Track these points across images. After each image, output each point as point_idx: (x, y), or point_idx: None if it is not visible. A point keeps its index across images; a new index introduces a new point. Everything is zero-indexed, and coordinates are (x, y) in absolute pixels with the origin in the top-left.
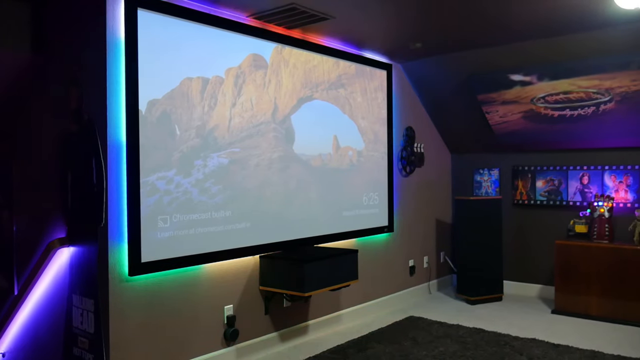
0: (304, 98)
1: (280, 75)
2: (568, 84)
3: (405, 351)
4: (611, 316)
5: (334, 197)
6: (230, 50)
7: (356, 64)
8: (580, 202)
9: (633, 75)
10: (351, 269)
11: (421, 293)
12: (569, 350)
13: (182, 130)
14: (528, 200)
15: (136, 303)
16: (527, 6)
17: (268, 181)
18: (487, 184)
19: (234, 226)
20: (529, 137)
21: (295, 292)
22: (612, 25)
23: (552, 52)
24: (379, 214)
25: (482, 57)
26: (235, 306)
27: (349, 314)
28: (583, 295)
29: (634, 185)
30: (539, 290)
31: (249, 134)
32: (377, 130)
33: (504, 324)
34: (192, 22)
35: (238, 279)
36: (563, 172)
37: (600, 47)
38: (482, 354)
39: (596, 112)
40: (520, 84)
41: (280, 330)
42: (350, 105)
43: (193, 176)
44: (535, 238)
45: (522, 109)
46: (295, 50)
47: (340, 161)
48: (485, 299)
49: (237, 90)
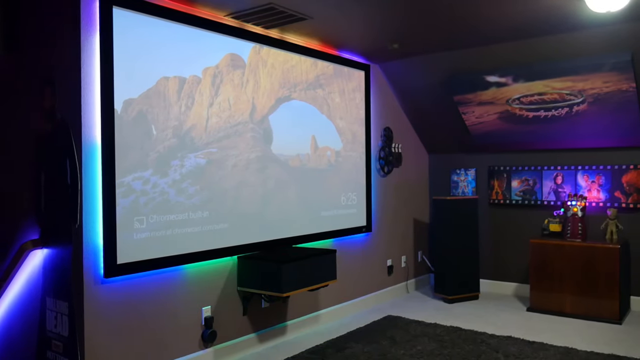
0: (282, 98)
1: (258, 75)
2: (542, 86)
3: (384, 350)
4: (584, 313)
5: (313, 197)
6: (207, 50)
7: (334, 64)
8: (554, 202)
9: (605, 77)
10: (329, 269)
11: (399, 292)
12: (543, 347)
13: (158, 130)
14: (504, 200)
15: (112, 305)
16: (502, 9)
17: (246, 181)
18: (464, 184)
19: (212, 227)
20: (504, 138)
21: (274, 293)
22: (585, 28)
23: (527, 54)
24: (357, 214)
25: (458, 58)
26: (213, 307)
27: (327, 314)
28: (557, 293)
29: (606, 184)
30: (515, 289)
31: (226, 134)
32: (355, 130)
33: (481, 322)
34: (169, 21)
35: (216, 280)
36: (537, 172)
37: (573, 50)
38: (459, 352)
39: (569, 113)
40: (496, 85)
41: (258, 331)
42: (329, 105)
43: (170, 176)
44: (510, 237)
45: (498, 109)
46: (273, 50)
47: (318, 161)
48: (462, 297)
49: (214, 90)
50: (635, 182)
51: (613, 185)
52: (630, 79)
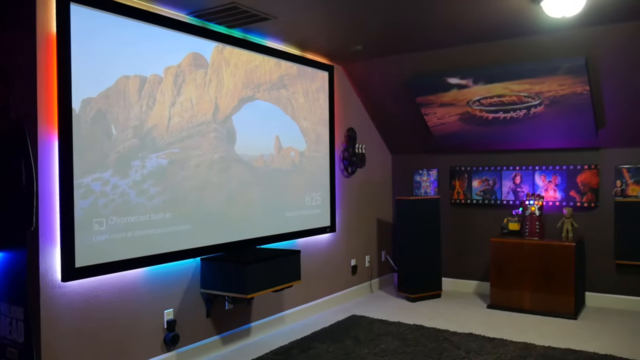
0: (245, 98)
1: (221, 75)
2: (501, 88)
3: (348, 350)
4: (542, 309)
5: (276, 198)
6: (169, 49)
7: (298, 64)
8: (513, 201)
9: (560, 81)
10: (294, 269)
11: (363, 292)
12: (503, 343)
13: (118, 130)
14: (465, 199)
15: (70, 310)
16: (463, 13)
17: (209, 182)
18: (426, 184)
19: (174, 228)
20: (465, 139)
21: (238, 294)
22: (542, 32)
23: (486, 57)
24: (321, 214)
25: (421, 60)
26: (176, 310)
27: (292, 314)
28: (516, 290)
29: (562, 184)
30: (476, 286)
31: (188, 134)
32: (319, 131)
33: (443, 320)
34: (129, 18)
35: (178, 283)
36: (497, 172)
37: (530, 53)
38: (422, 350)
39: (527, 115)
40: (457, 87)
41: (222, 334)
42: (293, 106)
43: (130, 177)
44: (471, 236)
45: (459, 111)
46: (237, 49)
47: (282, 162)
48: (425, 296)
49: (176, 90)
50: (589, 182)
51: (568, 184)
52: (584, 82)
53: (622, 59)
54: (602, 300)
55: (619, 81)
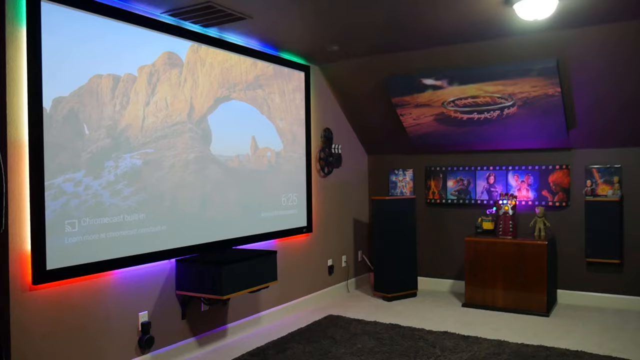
0: (221, 98)
1: (197, 75)
2: (475, 89)
3: (324, 350)
4: (515, 307)
5: (253, 198)
6: (143, 48)
7: (274, 64)
8: (487, 201)
9: (533, 82)
10: (270, 270)
11: (340, 292)
12: (477, 341)
13: (91, 129)
14: (440, 199)
15: (41, 314)
16: (438, 15)
17: (184, 183)
18: (402, 184)
19: (149, 229)
20: (440, 139)
21: (213, 296)
22: (515, 35)
23: (461, 58)
24: (297, 214)
25: (396, 61)
26: (151, 312)
27: (268, 315)
28: (490, 289)
29: (534, 184)
30: (451, 285)
31: (163, 134)
32: (295, 131)
33: (419, 319)
34: (102, 16)
35: (153, 284)
36: (471, 172)
37: (504, 55)
38: (398, 349)
39: (500, 116)
40: (432, 88)
41: (198, 335)
42: (269, 106)
43: (104, 178)
44: (446, 235)
45: (434, 112)
46: (212, 49)
47: (258, 162)
48: (401, 295)
49: (150, 89)
50: (560, 182)
51: (541, 184)
52: (555, 84)
53: (591, 61)
54: (573, 297)
55: (589, 83)
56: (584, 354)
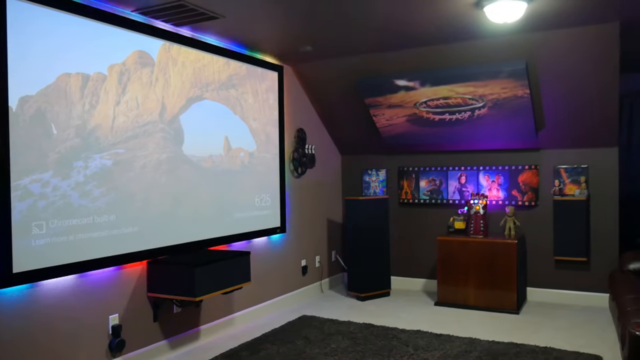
0: (193, 98)
1: (168, 74)
2: (447, 90)
3: (298, 350)
4: (486, 305)
5: (226, 199)
6: (113, 46)
7: (247, 64)
8: (458, 201)
9: (503, 84)
10: (243, 271)
11: (313, 292)
12: (450, 339)
13: (59, 129)
14: (413, 199)
15: (8, 318)
16: (410, 16)
17: (156, 183)
18: (375, 184)
19: (119, 231)
20: (413, 140)
21: (186, 297)
22: (485, 37)
23: (433, 60)
24: (271, 215)
25: (369, 62)
26: (122, 315)
27: (242, 316)
28: (462, 287)
29: (505, 184)
30: (423, 284)
31: (134, 134)
32: (268, 131)
33: (392, 318)
34: (71, 14)
35: (124, 287)
36: (443, 172)
37: (475, 57)
38: (371, 348)
39: (471, 117)
40: (405, 89)
41: (170, 338)
42: (242, 106)
43: (72, 179)
44: (419, 235)
45: (407, 112)
46: (184, 48)
47: (231, 162)
48: (374, 294)
49: (121, 88)
50: (530, 182)
51: (511, 184)
52: (525, 86)
53: (559, 64)
54: (542, 294)
55: (557, 85)
56: (553, 350)
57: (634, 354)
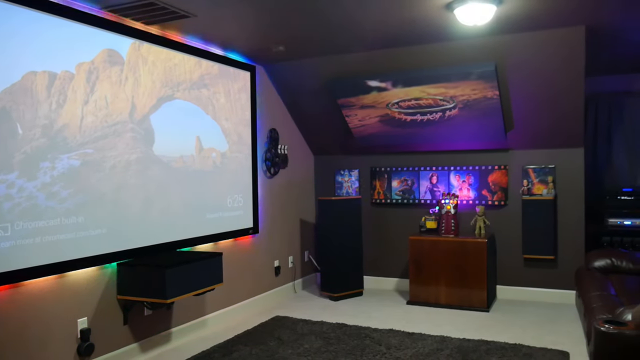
0: (164, 97)
1: (139, 73)
2: (419, 91)
3: (271, 351)
4: (457, 303)
5: (197, 199)
6: (81, 44)
7: (219, 64)
8: (430, 200)
9: (473, 85)
10: (216, 272)
11: (286, 293)
12: (422, 337)
13: (25, 129)
14: (385, 199)
15: None
16: (382, 18)
17: (125, 184)
18: (347, 185)
19: (88, 233)
20: (385, 140)
21: (157, 299)
22: (456, 39)
23: (405, 61)
24: (243, 215)
25: (342, 62)
26: (90, 318)
27: (214, 318)
28: (433, 286)
29: (475, 184)
30: (396, 284)
31: (103, 134)
32: (241, 131)
33: (365, 317)
34: (37, 10)
35: (93, 290)
36: (415, 172)
37: (446, 58)
38: (344, 348)
39: (443, 118)
40: (377, 90)
41: (141, 341)
42: (214, 106)
43: (39, 179)
44: (391, 235)
45: (379, 113)
46: (155, 47)
47: (203, 163)
48: (347, 294)
49: (89, 87)
50: (499, 182)
51: (481, 184)
52: (494, 87)
53: (527, 66)
54: (511, 292)
55: (525, 87)
56: (522, 347)
57: (599, 349)
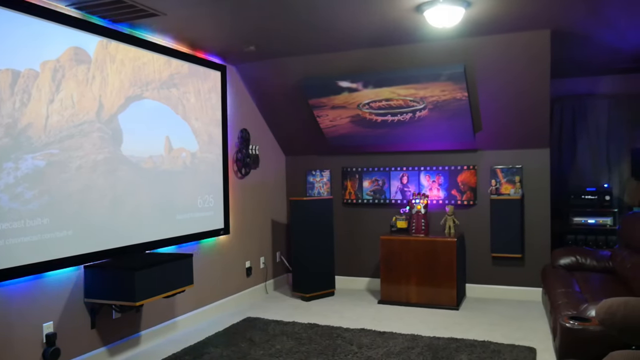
0: (132, 97)
1: (106, 72)
2: (389, 92)
3: (242, 352)
4: (428, 302)
5: (167, 200)
6: (46, 42)
7: (189, 63)
8: (401, 200)
9: (442, 87)
10: (186, 273)
11: (258, 293)
12: (393, 336)
13: None
14: (356, 199)
15: None
16: (353, 19)
17: (93, 185)
18: (319, 185)
19: (53, 235)
20: (356, 140)
21: (126, 302)
22: (426, 41)
23: (375, 62)
24: (214, 216)
25: (313, 63)
26: (56, 323)
27: (184, 320)
28: (404, 285)
29: (445, 184)
30: (367, 283)
31: (69, 134)
32: (211, 131)
33: (336, 317)
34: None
35: (59, 293)
36: (386, 172)
37: (416, 60)
38: (316, 348)
39: (413, 118)
40: (348, 90)
41: (109, 345)
42: (184, 105)
43: (2, 180)
44: (362, 235)
45: (350, 113)
46: (123, 45)
47: (173, 163)
48: (319, 294)
49: (55, 86)
50: (468, 182)
51: (450, 184)
52: (463, 89)
53: (495, 68)
54: (480, 290)
55: (493, 88)
56: (490, 344)
57: (565, 344)
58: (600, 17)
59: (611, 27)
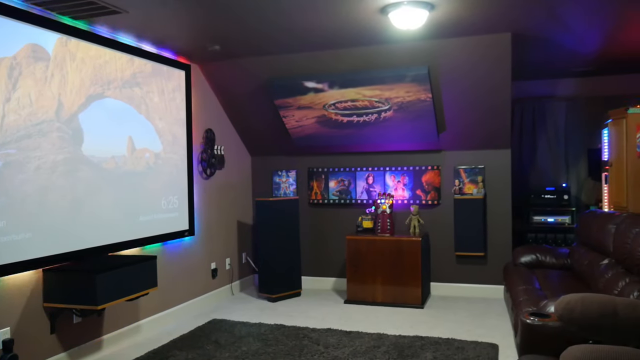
0: (93, 96)
1: (66, 70)
2: (355, 93)
3: (208, 355)
4: (393, 301)
5: (130, 201)
6: (2, 38)
7: (153, 62)
8: (366, 200)
9: (407, 88)
10: (149, 276)
11: (224, 295)
12: (359, 335)
13: None
14: (322, 199)
15: None
16: (318, 20)
17: (52, 186)
18: (285, 185)
19: (10, 237)
20: (322, 141)
21: (87, 306)
22: (391, 42)
23: (341, 62)
24: (179, 217)
25: (279, 63)
26: (13, 328)
27: (148, 323)
28: (370, 284)
29: (409, 184)
30: (334, 283)
31: (27, 134)
32: (175, 131)
33: (303, 318)
34: None
35: (16, 298)
36: (352, 173)
37: (380, 61)
38: (282, 349)
39: (378, 119)
40: (314, 91)
41: (69, 350)
42: (147, 105)
43: None
44: (329, 235)
45: (316, 114)
46: (83, 43)
47: (136, 163)
48: (285, 295)
49: (11, 84)
50: (432, 182)
51: (415, 184)
52: (427, 90)
53: (458, 70)
54: (444, 289)
55: (456, 90)
56: (454, 341)
57: (526, 340)
58: (559, 22)
59: (570, 32)
